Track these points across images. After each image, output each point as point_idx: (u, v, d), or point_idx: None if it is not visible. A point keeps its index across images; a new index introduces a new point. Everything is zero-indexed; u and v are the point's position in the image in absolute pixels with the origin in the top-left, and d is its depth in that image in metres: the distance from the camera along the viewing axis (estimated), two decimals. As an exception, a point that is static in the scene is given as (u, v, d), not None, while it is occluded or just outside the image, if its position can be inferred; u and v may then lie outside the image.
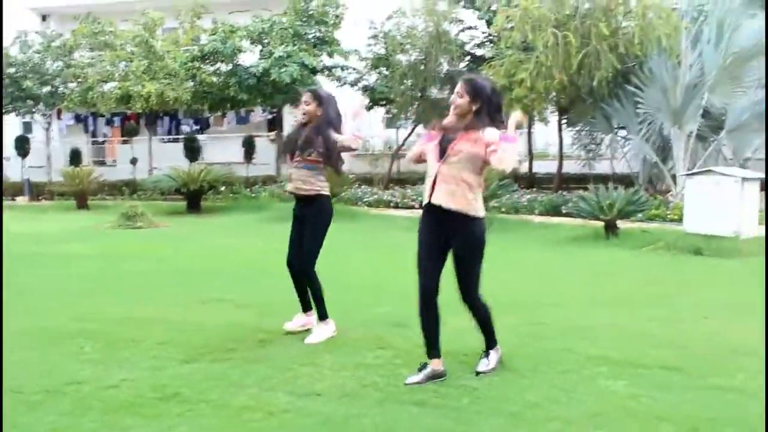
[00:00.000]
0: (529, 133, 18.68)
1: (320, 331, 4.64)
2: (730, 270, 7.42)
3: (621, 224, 9.94)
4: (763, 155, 11.41)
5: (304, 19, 18.08)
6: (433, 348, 3.88)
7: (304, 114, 4.58)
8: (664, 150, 12.78)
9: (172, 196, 15.85)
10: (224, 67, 18.32)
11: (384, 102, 19.29)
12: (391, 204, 15.39)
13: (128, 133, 21.40)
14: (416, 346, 4.09)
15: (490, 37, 17.42)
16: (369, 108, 19.95)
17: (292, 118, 22.75)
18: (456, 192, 3.73)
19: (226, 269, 7.84)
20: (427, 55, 17.08)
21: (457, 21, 17.55)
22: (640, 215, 10.08)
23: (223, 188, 16.34)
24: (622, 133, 14.36)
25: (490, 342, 4.04)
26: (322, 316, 4.69)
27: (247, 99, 17.94)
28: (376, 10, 18.29)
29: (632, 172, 14.56)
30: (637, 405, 3.52)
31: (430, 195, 3.79)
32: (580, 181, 15.49)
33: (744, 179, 8.84)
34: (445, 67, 17.47)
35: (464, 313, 4.01)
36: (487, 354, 4.01)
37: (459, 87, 3.80)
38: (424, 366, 3.87)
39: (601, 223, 9.93)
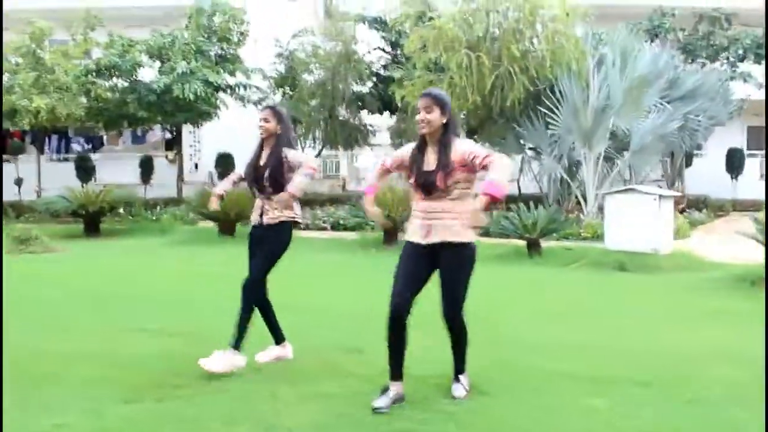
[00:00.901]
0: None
1: (273, 351, 4.45)
2: (656, 284, 7.64)
3: (542, 242, 10.08)
4: (656, 176, 12.03)
5: (207, 35, 17.46)
6: (398, 370, 3.63)
7: (263, 132, 4.28)
8: (571, 170, 13.21)
9: (66, 218, 14.69)
10: (122, 83, 17.32)
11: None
12: (301, 226, 14.95)
13: (12, 151, 19.77)
14: (379, 374, 3.82)
15: (397, 58, 17.53)
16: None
17: (192, 137, 21.93)
18: (454, 225, 3.51)
19: (141, 295, 7.19)
20: (335, 74, 16.95)
21: (363, 42, 17.57)
22: (554, 234, 10.26)
23: (121, 210, 15.34)
24: (530, 153, 14.75)
25: (462, 365, 3.81)
26: (280, 338, 4.46)
27: (147, 116, 17.00)
28: (281, 29, 18.00)
29: (542, 192, 14.95)
30: (627, 425, 3.40)
31: (424, 236, 3.56)
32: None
33: (661, 197, 9.22)
34: (353, 87, 17.41)
35: (426, 334, 3.80)
36: (458, 379, 3.78)
37: (425, 102, 3.55)
38: (386, 389, 3.61)
39: (523, 242, 10.05)
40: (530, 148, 14.27)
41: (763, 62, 19.03)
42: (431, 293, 3.64)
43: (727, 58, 19.83)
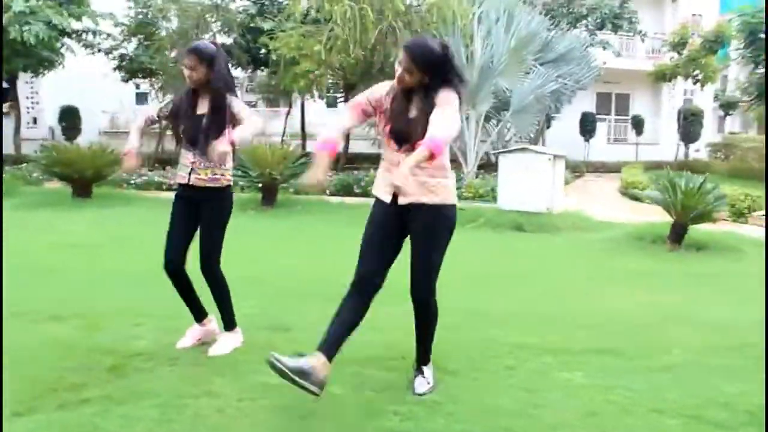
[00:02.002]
0: (303, 111, 18.11)
1: (229, 340, 3.63)
2: (565, 245, 7.60)
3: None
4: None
5: (49, -29, 15.32)
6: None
7: (191, 83, 3.44)
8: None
9: None
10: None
11: (145, 74, 17.29)
12: (164, 186, 13.75)
13: None
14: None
15: (265, 8, 16.43)
16: (126, 80, 17.80)
17: (29, 88, 19.49)
18: (430, 182, 2.96)
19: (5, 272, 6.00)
20: (199, 23, 15.59)
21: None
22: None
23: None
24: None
25: (428, 356, 3.20)
26: (231, 324, 3.66)
27: (-25, 61, 14.71)
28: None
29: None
30: (619, 398, 3.10)
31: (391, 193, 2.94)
32: (367, 160, 15.33)
33: (555, 157, 9.22)
34: (218, 38, 16.11)
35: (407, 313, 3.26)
36: (421, 371, 3.17)
37: (404, 59, 2.86)
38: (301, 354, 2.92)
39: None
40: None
41: (620, 32, 20.05)
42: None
43: (586, 26, 20.68)
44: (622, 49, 23.09)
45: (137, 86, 19.19)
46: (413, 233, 3.02)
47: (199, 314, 3.70)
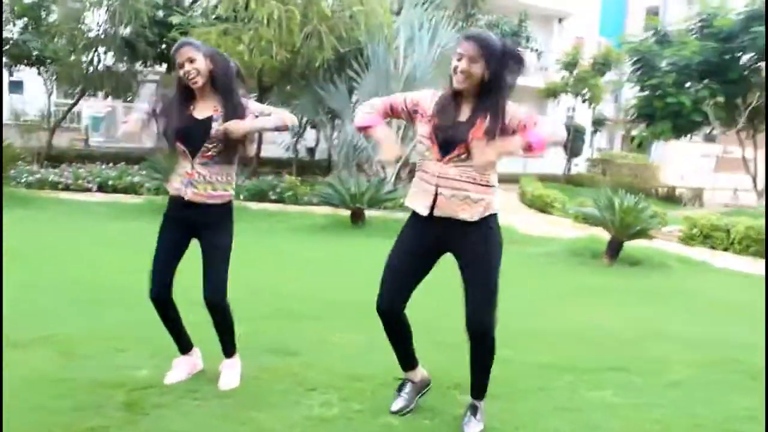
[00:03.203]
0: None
1: (236, 369, 3.30)
2: (512, 259, 7.68)
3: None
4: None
5: None
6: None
7: (195, 80, 2.99)
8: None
9: None
10: None
11: (33, 62, 15.92)
12: (60, 186, 12.74)
13: None
14: (350, 379, 3.32)
15: (170, 1, 15.62)
16: (9, 67, 16.31)
17: None
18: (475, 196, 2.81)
19: None
20: (112, 16, 14.47)
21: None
22: (381, 204, 9.96)
23: None
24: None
25: (482, 392, 2.96)
26: (234, 350, 3.31)
27: None
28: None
29: (331, 158, 14.63)
30: (657, 416, 3.18)
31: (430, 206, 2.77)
32: (279, 165, 14.96)
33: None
34: (121, 30, 15.10)
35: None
36: (475, 410, 2.93)
37: (472, 48, 2.66)
38: (403, 384, 3.03)
39: (346, 212, 9.62)
40: (327, 113, 13.75)
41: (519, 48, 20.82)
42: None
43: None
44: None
45: (11, 73, 17.47)
46: (462, 259, 2.82)
47: (187, 345, 3.33)
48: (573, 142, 23.62)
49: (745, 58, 18.77)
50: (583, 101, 22.66)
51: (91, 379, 3.19)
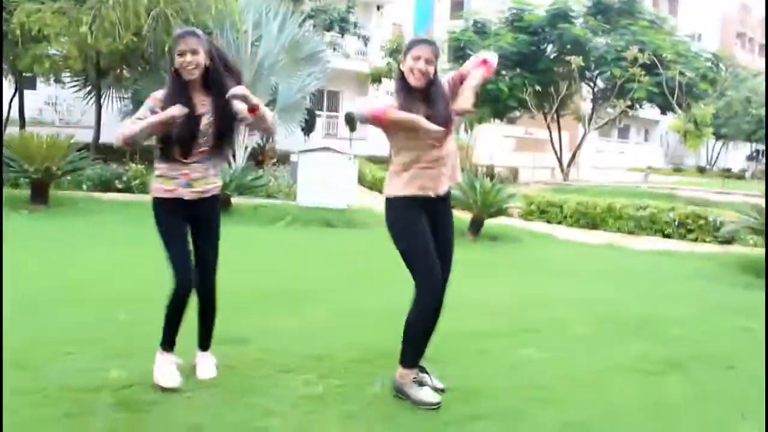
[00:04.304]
0: (21, 96, 15.91)
1: (212, 360, 3.41)
2: (381, 239, 8.12)
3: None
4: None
5: None
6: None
7: (193, 71, 3.00)
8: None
9: None
10: None
11: None
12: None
13: None
14: (316, 359, 3.61)
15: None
16: None
17: None
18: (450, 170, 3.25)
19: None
20: None
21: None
22: (250, 191, 9.97)
23: None
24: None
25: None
26: (210, 342, 3.43)
27: None
28: None
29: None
30: (580, 364, 3.79)
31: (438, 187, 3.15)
32: (116, 153, 14.12)
33: (355, 156, 9.80)
34: None
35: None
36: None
37: (428, 52, 3.04)
38: (422, 381, 3.20)
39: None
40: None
41: (348, 35, 21.42)
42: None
43: (314, 26, 21.65)
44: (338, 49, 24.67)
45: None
46: (445, 223, 3.24)
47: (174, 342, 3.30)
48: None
49: (551, 51, 20.98)
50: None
51: (62, 386, 3.11)
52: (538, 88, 19.91)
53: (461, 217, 8.60)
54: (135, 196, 11.30)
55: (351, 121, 25.16)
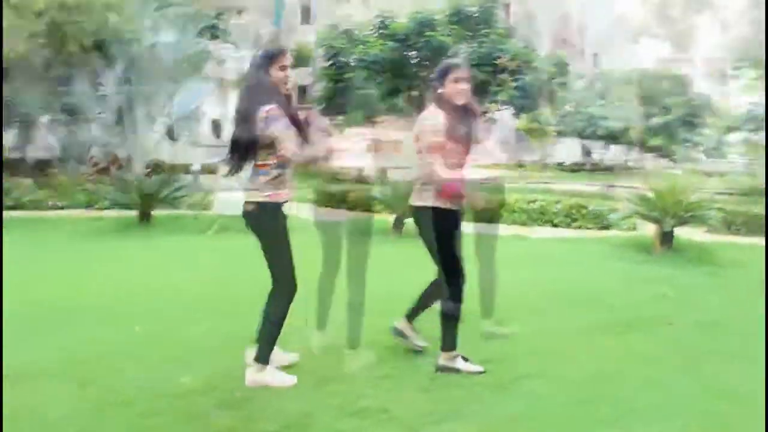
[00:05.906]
0: None
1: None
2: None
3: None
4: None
5: None
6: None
7: (287, 84, 3.42)
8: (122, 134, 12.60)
9: None
10: None
11: None
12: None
13: None
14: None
15: None
16: None
17: None
18: None
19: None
20: None
21: None
22: (173, 202, 9.93)
23: None
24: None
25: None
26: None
27: None
28: None
29: (54, 155, 13.63)
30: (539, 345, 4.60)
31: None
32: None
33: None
34: None
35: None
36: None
37: (468, 74, 3.75)
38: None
39: (132, 212, 9.48)
40: (65, 110, 12.78)
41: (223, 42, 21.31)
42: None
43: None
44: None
45: None
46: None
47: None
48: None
49: (417, 57, 22.15)
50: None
51: (155, 394, 3.40)
52: (415, 93, 21.00)
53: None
54: (35, 213, 10.88)
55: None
